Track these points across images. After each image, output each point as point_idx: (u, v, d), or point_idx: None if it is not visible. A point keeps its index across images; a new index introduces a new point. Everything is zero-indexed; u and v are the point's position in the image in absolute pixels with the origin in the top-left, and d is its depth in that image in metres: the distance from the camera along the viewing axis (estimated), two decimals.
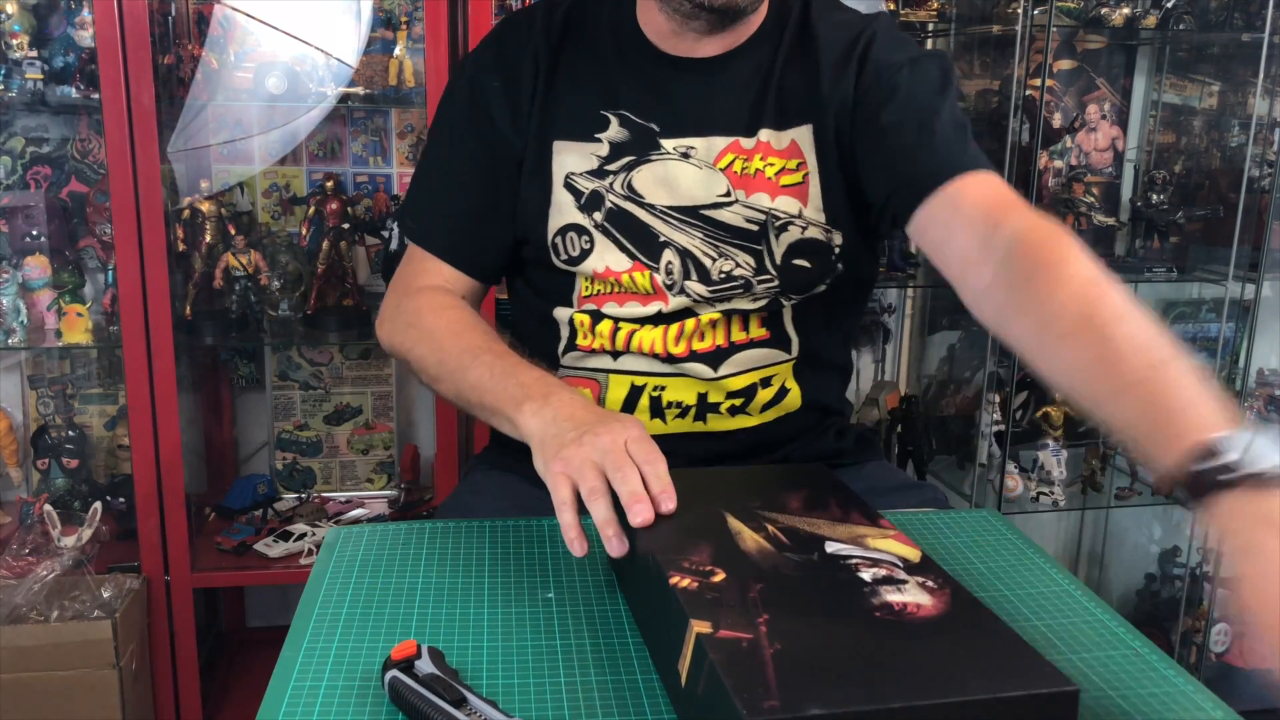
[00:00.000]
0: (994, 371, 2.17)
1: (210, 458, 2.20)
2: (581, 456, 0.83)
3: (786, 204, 1.09)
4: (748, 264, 1.09)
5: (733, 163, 1.09)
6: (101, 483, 2.09)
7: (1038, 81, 2.04)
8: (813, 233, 1.09)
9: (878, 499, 1.13)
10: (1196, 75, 2.39)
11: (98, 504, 1.92)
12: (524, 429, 0.91)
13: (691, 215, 1.09)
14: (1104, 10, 2.14)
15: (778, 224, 1.09)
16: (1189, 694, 0.75)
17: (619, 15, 1.13)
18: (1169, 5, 2.17)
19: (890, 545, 0.80)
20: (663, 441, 0.90)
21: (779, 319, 1.13)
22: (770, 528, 0.82)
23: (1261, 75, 2.09)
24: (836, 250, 1.10)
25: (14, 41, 1.85)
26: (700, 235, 1.09)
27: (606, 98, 1.11)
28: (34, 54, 1.86)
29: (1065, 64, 2.34)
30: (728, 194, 1.09)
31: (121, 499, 2.02)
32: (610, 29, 1.13)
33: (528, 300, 1.19)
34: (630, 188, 1.09)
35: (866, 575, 0.75)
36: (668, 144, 1.10)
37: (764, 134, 1.09)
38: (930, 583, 0.75)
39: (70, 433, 2.07)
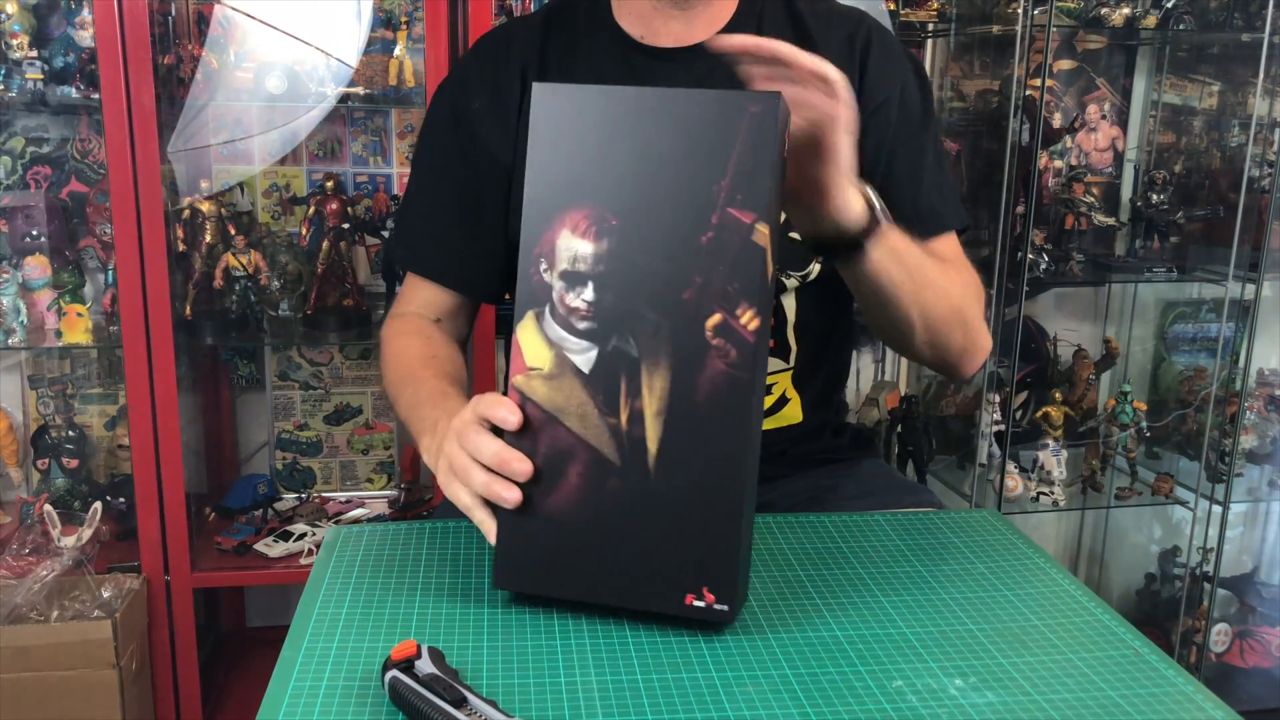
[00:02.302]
0: (994, 371, 2.17)
1: (210, 458, 2.20)
2: (453, 452, 0.86)
3: None
4: None
5: None
6: (101, 483, 2.09)
7: (1038, 81, 2.04)
8: None
9: (871, 499, 1.13)
10: (1196, 75, 2.39)
11: (98, 504, 1.92)
12: (429, 465, 0.96)
13: None
14: (1104, 10, 2.14)
15: None
16: (1189, 694, 0.75)
17: (595, 15, 1.15)
18: (1169, 5, 2.17)
19: None
20: None
21: (781, 327, 1.13)
22: None
23: (1261, 75, 2.09)
24: None
25: (14, 41, 1.85)
26: None
27: None
28: (34, 54, 1.86)
29: (1065, 64, 2.34)
30: None
31: (121, 499, 2.02)
32: (590, 30, 1.14)
33: None
34: None
35: None
36: None
37: None
38: None
39: (70, 433, 2.07)
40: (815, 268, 1.11)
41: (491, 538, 0.83)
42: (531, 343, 0.82)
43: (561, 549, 0.82)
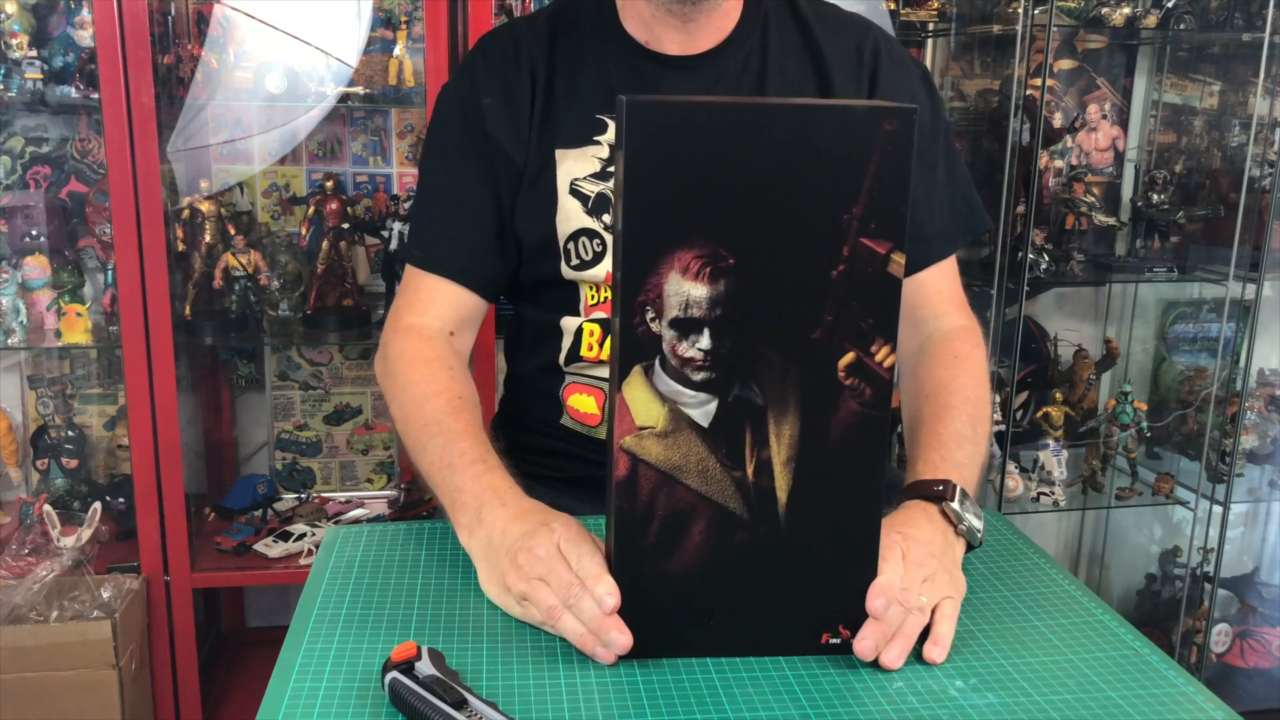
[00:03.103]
0: (994, 371, 2.17)
1: (210, 458, 2.19)
2: (524, 581, 0.81)
3: None
4: None
5: None
6: (101, 483, 2.09)
7: (1038, 81, 2.04)
8: None
9: None
10: (1197, 75, 2.39)
11: (97, 504, 1.92)
12: (463, 544, 0.91)
13: None
14: (1104, 10, 2.14)
15: None
16: (1189, 694, 0.75)
17: (601, 20, 1.14)
18: (1169, 5, 2.17)
19: None
20: None
21: None
22: None
23: (1262, 75, 2.09)
24: None
25: (14, 41, 1.85)
26: None
27: (603, 102, 1.11)
28: (34, 54, 1.86)
29: (1066, 64, 2.34)
30: None
31: (121, 499, 2.02)
32: (596, 34, 1.14)
33: (529, 314, 1.19)
34: None
35: None
36: None
37: None
38: None
39: (70, 433, 2.07)
40: None
41: (603, 660, 0.78)
42: (640, 400, 0.75)
43: (687, 609, 0.78)
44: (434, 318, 1.13)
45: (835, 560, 0.77)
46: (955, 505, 0.89)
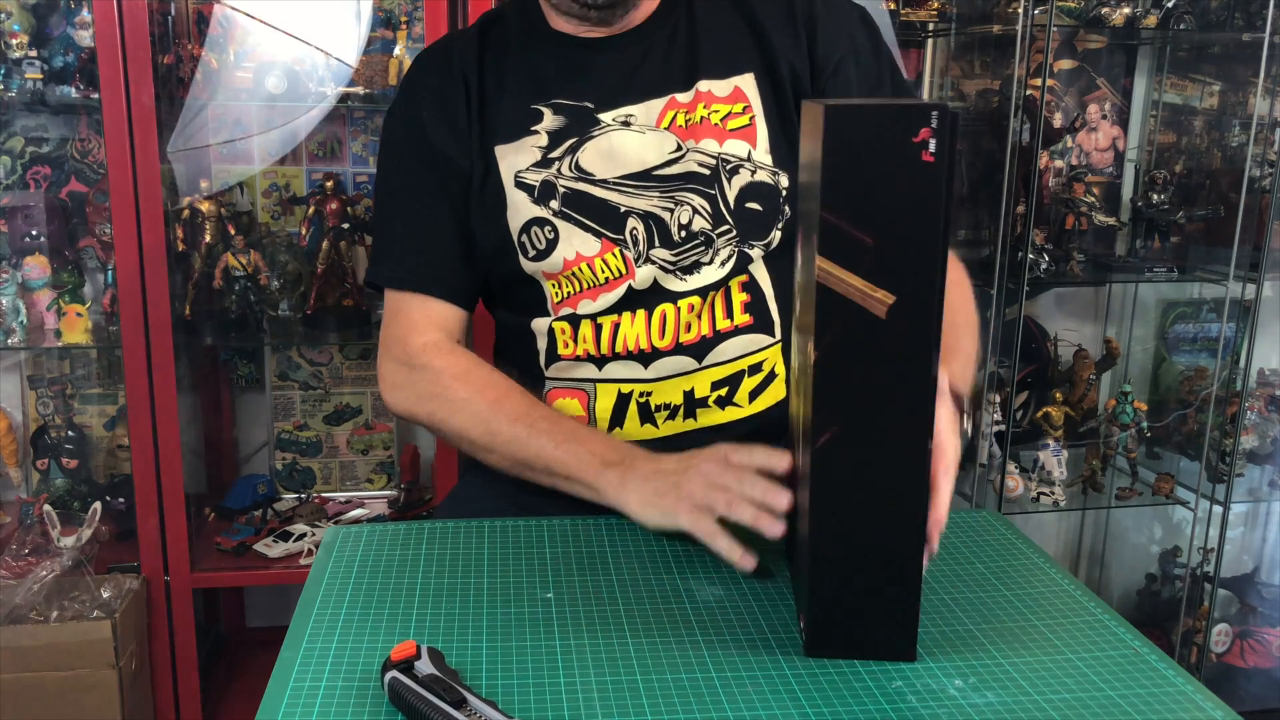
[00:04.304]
0: (994, 371, 2.17)
1: (210, 458, 2.19)
2: (699, 487, 0.90)
3: (735, 147, 1.12)
4: (704, 209, 1.10)
5: (675, 118, 1.12)
6: (101, 483, 2.09)
7: (1038, 81, 2.04)
8: (761, 175, 1.12)
9: None
10: (1197, 75, 2.39)
11: (97, 504, 1.92)
12: (611, 498, 0.97)
13: (645, 179, 1.11)
14: (1104, 10, 2.14)
15: (728, 167, 1.12)
16: (1189, 694, 0.75)
17: (530, 20, 1.17)
18: (1169, 5, 2.17)
19: None
20: (657, 445, 0.99)
21: (761, 300, 1.14)
22: None
23: (1262, 75, 2.09)
24: (784, 192, 1.13)
25: (14, 41, 1.85)
26: (657, 194, 1.11)
27: (536, 92, 1.14)
28: (34, 54, 1.86)
29: (1066, 64, 2.34)
30: (679, 149, 1.12)
31: (121, 499, 2.02)
32: (524, 33, 1.17)
33: (503, 318, 1.21)
34: (579, 168, 1.11)
35: None
36: (605, 117, 1.12)
37: (704, 84, 1.13)
38: None
39: (70, 433, 2.07)
40: (776, 235, 1.13)
41: (773, 534, 0.87)
42: None
43: (791, 521, 0.87)
44: (438, 331, 1.15)
45: (808, 553, 0.78)
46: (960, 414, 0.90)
